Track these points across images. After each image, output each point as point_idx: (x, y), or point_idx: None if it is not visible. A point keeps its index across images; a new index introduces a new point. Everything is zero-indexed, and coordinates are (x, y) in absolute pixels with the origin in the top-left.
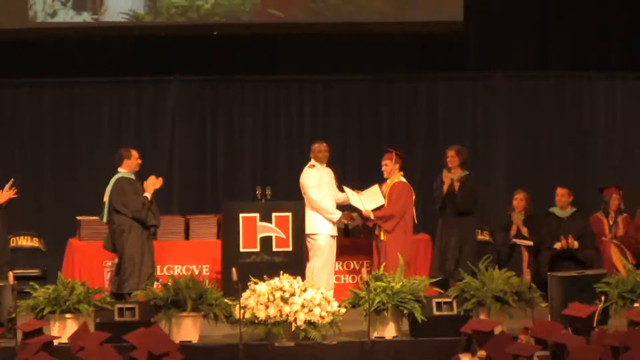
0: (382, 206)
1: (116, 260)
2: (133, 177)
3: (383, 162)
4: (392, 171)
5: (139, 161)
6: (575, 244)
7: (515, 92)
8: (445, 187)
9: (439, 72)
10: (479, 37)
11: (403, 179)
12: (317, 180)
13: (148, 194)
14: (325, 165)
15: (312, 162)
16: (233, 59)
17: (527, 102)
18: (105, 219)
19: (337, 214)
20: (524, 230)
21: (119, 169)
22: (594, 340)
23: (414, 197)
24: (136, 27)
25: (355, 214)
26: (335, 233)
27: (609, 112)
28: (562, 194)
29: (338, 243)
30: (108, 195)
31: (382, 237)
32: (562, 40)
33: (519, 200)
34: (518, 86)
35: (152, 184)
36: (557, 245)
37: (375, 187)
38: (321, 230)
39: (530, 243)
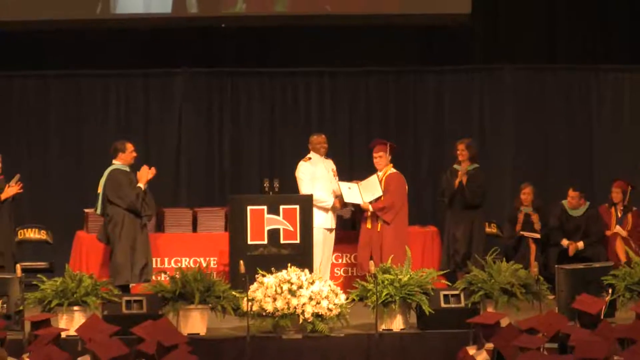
0: (380, 197)
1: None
2: (127, 169)
3: (377, 154)
4: (386, 163)
5: (134, 154)
6: (580, 245)
7: (523, 84)
8: (456, 182)
9: (446, 64)
10: (487, 29)
11: (394, 170)
12: (310, 174)
13: (142, 185)
14: (324, 157)
15: (310, 154)
16: (240, 51)
17: (535, 94)
18: (99, 211)
19: (330, 201)
20: (536, 225)
21: (114, 161)
22: (599, 332)
23: (407, 188)
24: (144, 19)
25: None
26: (331, 226)
27: (616, 104)
28: (573, 196)
29: (345, 236)
30: (102, 187)
31: (378, 229)
32: (569, 32)
33: (526, 194)
34: (525, 78)
35: (146, 173)
36: (564, 243)
37: (375, 177)
38: (315, 223)
39: (538, 236)
